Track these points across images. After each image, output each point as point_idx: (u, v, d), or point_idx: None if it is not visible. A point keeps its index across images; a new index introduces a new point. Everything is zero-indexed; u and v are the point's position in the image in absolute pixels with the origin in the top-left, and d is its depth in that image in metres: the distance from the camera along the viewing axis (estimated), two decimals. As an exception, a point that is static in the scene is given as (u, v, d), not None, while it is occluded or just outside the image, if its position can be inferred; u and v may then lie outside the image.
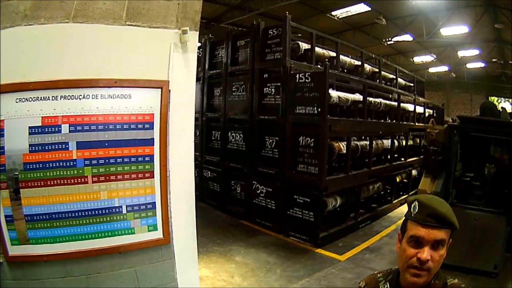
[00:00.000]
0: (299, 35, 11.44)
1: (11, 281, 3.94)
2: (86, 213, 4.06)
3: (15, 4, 3.80)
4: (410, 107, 14.80)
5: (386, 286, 2.27)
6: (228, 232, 10.06)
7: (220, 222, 10.95)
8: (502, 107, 13.02)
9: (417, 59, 30.67)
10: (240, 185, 11.40)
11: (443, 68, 33.01)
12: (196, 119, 11.35)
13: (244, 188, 11.19)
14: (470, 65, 31.04)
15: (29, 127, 3.84)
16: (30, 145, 3.85)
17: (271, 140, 10.34)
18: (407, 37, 24.21)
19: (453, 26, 20.85)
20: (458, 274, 6.40)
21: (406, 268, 2.05)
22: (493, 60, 27.39)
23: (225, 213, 11.69)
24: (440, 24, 20.62)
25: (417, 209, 2.07)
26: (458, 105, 35.45)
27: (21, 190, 3.86)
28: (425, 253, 1.97)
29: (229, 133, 11.72)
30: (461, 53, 26.94)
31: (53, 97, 3.88)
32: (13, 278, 3.93)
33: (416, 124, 15.03)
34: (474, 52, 26.15)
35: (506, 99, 33.68)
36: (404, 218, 2.18)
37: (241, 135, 11.27)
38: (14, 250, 3.89)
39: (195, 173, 4.88)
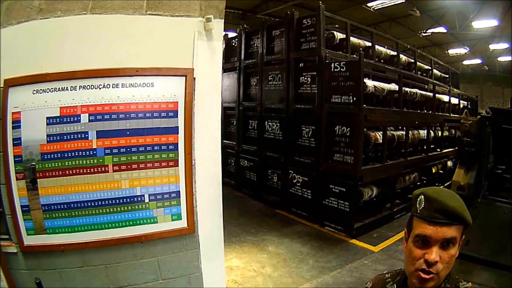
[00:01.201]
0: (336, 25, 11.40)
1: (26, 271, 3.98)
2: (106, 202, 4.06)
3: None
4: (445, 98, 14.71)
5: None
6: (262, 222, 10.08)
7: (255, 212, 10.99)
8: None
9: (452, 51, 30.58)
10: (276, 175, 11.44)
11: (476, 61, 32.95)
12: (232, 108, 11.37)
13: (281, 177, 11.23)
14: (501, 59, 30.92)
15: (47, 118, 3.86)
16: (47, 135, 3.87)
17: (307, 129, 10.32)
18: (441, 29, 24.19)
19: (484, 20, 20.88)
20: (485, 268, 6.35)
21: (413, 271, 1.85)
22: (522, 53, 27.10)
23: (261, 202, 11.74)
24: (471, 17, 20.58)
25: (423, 204, 1.86)
26: (491, 98, 35.12)
27: (38, 180, 3.89)
28: (433, 254, 1.77)
29: (266, 122, 11.76)
30: (492, 46, 26.76)
31: (72, 88, 3.91)
32: (28, 268, 3.98)
33: (451, 115, 14.87)
34: (504, 45, 25.99)
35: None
36: (410, 215, 1.97)
37: (278, 124, 11.30)
38: (30, 240, 3.93)
39: (232, 162, 4.85)
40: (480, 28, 22.18)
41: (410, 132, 11.29)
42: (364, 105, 9.06)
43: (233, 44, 13.18)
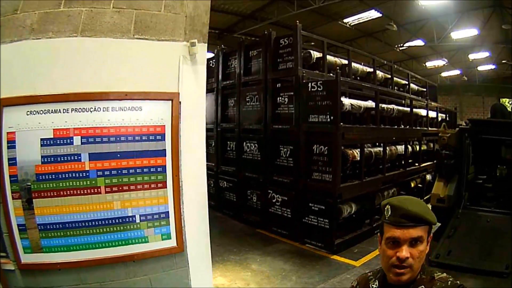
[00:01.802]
0: (312, 43, 11.55)
1: None
2: (100, 223, 4.14)
3: (22, 17, 3.92)
4: (423, 112, 14.87)
5: (375, 284, 2.36)
6: (244, 241, 10.13)
7: (236, 231, 11.02)
8: (512, 108, 13.06)
9: (430, 64, 30.84)
10: (256, 195, 11.45)
11: (455, 72, 33.12)
12: (210, 130, 11.42)
13: (260, 197, 11.24)
14: (481, 68, 31.18)
15: (41, 139, 3.94)
16: (42, 157, 3.95)
17: (285, 149, 10.39)
18: (418, 42, 24.37)
19: (463, 30, 21.07)
20: (470, 275, 6.47)
21: (389, 268, 2.15)
22: (503, 61, 27.43)
23: (241, 223, 11.75)
24: (450, 28, 20.81)
25: (390, 212, 2.16)
26: (471, 108, 35.35)
27: (34, 200, 3.95)
28: (403, 251, 2.07)
29: (244, 143, 11.78)
30: (472, 56, 27.10)
31: (64, 110, 3.99)
32: (25, 285, 4.01)
33: (429, 129, 15.07)
34: (484, 54, 26.32)
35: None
36: (380, 222, 2.28)
37: (256, 145, 11.34)
38: (27, 258, 3.98)
39: (211, 184, 4.98)
40: (459, 38, 22.36)
41: (387, 148, 11.40)
42: (342, 124, 9.15)
43: (211, 65, 13.12)
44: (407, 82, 16.01)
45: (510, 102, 32.44)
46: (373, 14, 20.30)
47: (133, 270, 4.28)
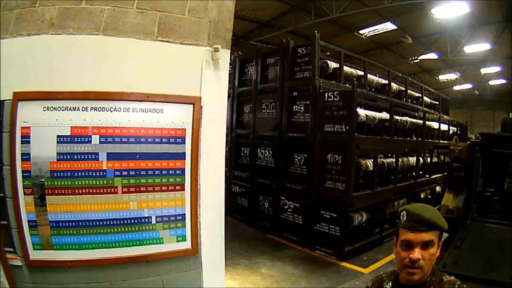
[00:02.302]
0: (328, 53, 11.62)
1: (30, 285, 4.00)
2: (115, 222, 4.13)
3: (41, 11, 3.92)
4: (435, 125, 14.91)
5: (389, 285, 2.55)
6: (254, 246, 10.18)
7: (247, 236, 11.05)
8: (522, 123, 13.02)
9: (442, 77, 30.79)
10: (268, 201, 11.50)
11: (467, 86, 33.10)
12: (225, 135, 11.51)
13: (272, 203, 11.29)
14: (492, 82, 31.15)
15: (58, 136, 3.93)
16: (58, 154, 3.94)
17: (299, 157, 10.45)
18: (432, 55, 24.34)
19: (476, 44, 21.05)
20: (475, 285, 6.58)
21: (402, 268, 2.33)
22: (514, 76, 27.33)
23: (252, 228, 11.79)
24: (463, 42, 20.73)
25: (405, 217, 2.36)
26: (481, 122, 35.32)
27: (47, 196, 3.94)
28: (416, 253, 2.25)
29: (258, 149, 11.85)
30: (483, 70, 27.02)
31: (83, 108, 3.98)
32: (33, 282, 3.99)
33: (441, 141, 15.09)
34: (496, 69, 26.33)
35: (527, 115, 33.48)
36: (397, 226, 2.47)
37: (270, 151, 11.40)
38: (36, 255, 3.97)
39: (224, 190, 5.03)
40: (472, 52, 22.33)
41: (400, 159, 11.45)
42: (356, 134, 9.23)
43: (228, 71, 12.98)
44: (420, 95, 16.04)
45: (520, 117, 32.39)
46: (388, 26, 20.34)
47: (145, 271, 4.30)
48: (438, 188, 14.49)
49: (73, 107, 3.97)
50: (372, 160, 10.10)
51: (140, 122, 4.17)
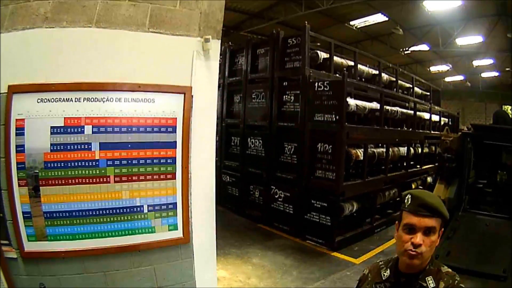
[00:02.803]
0: (318, 44, 11.58)
1: (25, 277, 3.99)
2: (107, 212, 4.10)
3: (35, 5, 3.91)
4: (426, 115, 14.94)
5: (387, 272, 2.54)
6: (245, 235, 10.20)
7: (238, 226, 11.08)
8: (514, 115, 13.05)
9: (434, 69, 30.83)
10: (258, 190, 11.51)
11: (459, 78, 33.10)
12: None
13: (263, 192, 11.31)
14: (484, 75, 31.13)
15: (51, 127, 3.92)
16: (51, 144, 3.93)
17: (289, 146, 10.48)
18: (423, 47, 24.28)
19: (468, 36, 21.01)
20: (468, 277, 6.58)
21: (403, 252, 2.33)
22: (507, 69, 27.24)
23: (243, 217, 11.82)
24: (455, 34, 20.70)
25: (410, 201, 2.36)
26: (473, 114, 35.37)
27: (40, 187, 3.92)
28: (418, 238, 2.26)
29: (249, 139, 11.87)
30: (476, 63, 27.03)
31: (76, 99, 3.95)
32: (27, 273, 3.99)
33: (432, 132, 15.12)
34: (489, 61, 26.32)
35: (519, 107, 33.56)
36: (400, 211, 2.45)
37: (260, 141, 11.42)
38: (30, 246, 3.93)
39: (215, 178, 5.05)
40: (464, 44, 22.34)
41: (390, 149, 11.48)
42: (347, 124, 9.26)
43: (218, 61, 12.93)
44: (411, 86, 16.12)
45: (512, 110, 32.46)
46: (379, 17, 20.33)
47: (138, 260, 4.31)
48: (429, 179, 14.52)
49: (66, 98, 3.95)
50: (363, 149, 10.13)
51: (131, 112, 4.17)
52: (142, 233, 4.29)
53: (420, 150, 14.08)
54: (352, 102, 9.86)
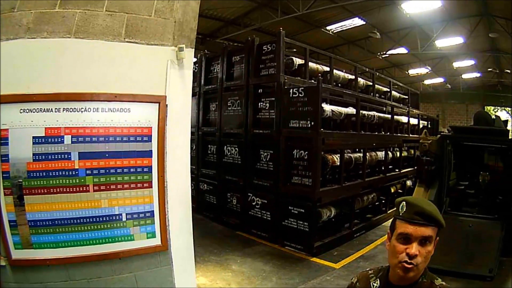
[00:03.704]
0: (294, 50, 11.66)
1: (14, 284, 4.10)
2: (88, 220, 4.25)
3: (18, 16, 4.00)
4: (404, 119, 15.01)
5: (376, 283, 2.42)
6: (224, 243, 10.20)
7: (216, 233, 11.09)
8: (496, 115, 13.09)
9: (412, 72, 30.81)
10: (236, 197, 11.51)
11: (439, 80, 33.17)
12: (192, 133, 11.45)
13: (240, 200, 11.31)
14: (465, 76, 31.13)
15: (33, 137, 4.04)
16: (34, 154, 4.05)
17: (266, 154, 10.49)
18: (402, 50, 24.35)
19: (448, 38, 20.97)
20: (453, 279, 6.59)
21: (397, 263, 2.18)
22: (489, 69, 27.31)
23: (221, 225, 11.82)
24: (434, 36, 20.66)
25: (405, 208, 2.23)
26: (454, 115, 35.48)
27: (25, 196, 4.04)
28: (414, 248, 2.13)
29: (225, 147, 11.85)
30: (456, 64, 27.11)
31: (56, 109, 4.10)
32: (15, 281, 4.09)
33: (410, 135, 15.20)
34: (470, 62, 26.31)
35: (503, 107, 33.76)
36: (393, 218, 2.34)
37: (237, 148, 11.40)
38: (17, 254, 4.07)
39: (191, 186, 5.07)
40: (444, 46, 22.29)
41: (367, 154, 11.52)
42: (322, 129, 9.25)
43: (194, 69, 12.69)
44: (388, 89, 16.21)
45: (495, 110, 32.67)
46: (356, 21, 20.34)
47: (119, 268, 4.39)
48: (409, 183, 14.64)
49: (46, 109, 4.11)
50: (339, 155, 10.13)
51: (108, 121, 4.35)
52: (122, 241, 4.43)
53: (398, 154, 14.15)
54: (327, 107, 9.89)
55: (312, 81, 10.81)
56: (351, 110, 10.87)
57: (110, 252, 4.33)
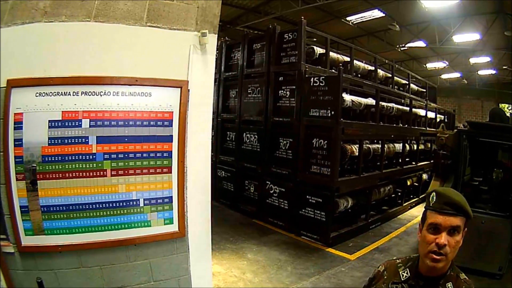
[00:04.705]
0: (314, 39, 11.59)
1: (22, 271, 4.03)
2: (104, 205, 4.19)
3: (34, 1, 3.92)
4: (421, 112, 14.94)
5: (406, 272, 2.46)
6: (240, 231, 10.21)
7: (233, 221, 11.09)
8: (511, 113, 13.04)
9: (430, 65, 30.60)
10: (253, 185, 11.53)
11: (455, 75, 32.89)
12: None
13: (258, 188, 11.33)
14: (481, 72, 30.87)
15: (49, 121, 3.97)
16: (49, 138, 3.98)
17: (285, 142, 10.48)
18: (420, 44, 24.06)
19: (465, 34, 20.76)
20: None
21: (426, 253, 2.25)
22: (504, 67, 27.16)
23: (238, 212, 11.84)
24: (452, 31, 20.48)
25: (435, 199, 2.29)
26: (469, 111, 35.29)
27: (38, 181, 3.97)
28: (443, 238, 2.19)
29: (244, 134, 11.88)
30: (472, 60, 26.77)
31: (74, 93, 4.02)
32: (24, 268, 4.03)
33: (428, 129, 15.14)
34: (486, 59, 25.99)
35: (517, 106, 33.53)
36: (424, 210, 2.39)
37: (256, 136, 11.42)
38: (28, 240, 3.99)
39: (210, 173, 5.04)
40: (461, 42, 22.08)
41: (385, 145, 11.49)
42: (342, 119, 9.22)
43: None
44: (407, 82, 16.13)
45: (509, 108, 32.42)
46: (376, 13, 20.14)
47: (133, 254, 4.35)
48: (425, 176, 14.60)
49: (64, 92, 4.01)
50: (358, 145, 10.11)
51: (128, 105, 4.25)
52: (138, 227, 4.36)
53: (415, 146, 14.10)
54: (347, 97, 9.87)
55: (333, 70, 10.77)
56: (370, 101, 10.87)
57: (126, 239, 4.29)
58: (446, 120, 17.88)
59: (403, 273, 2.47)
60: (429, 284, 2.33)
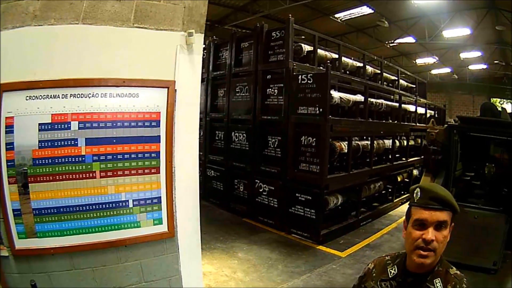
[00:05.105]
0: (302, 37, 11.59)
1: (17, 275, 4.00)
2: (94, 207, 4.16)
3: (24, 4, 3.92)
4: (411, 108, 14.97)
5: (394, 269, 2.44)
6: (230, 230, 10.19)
7: (223, 220, 11.09)
8: (502, 107, 13.03)
9: (420, 61, 30.59)
10: (243, 184, 11.52)
11: (446, 70, 32.98)
12: (200, 119, 11.45)
13: (247, 186, 11.32)
14: (472, 67, 30.89)
15: (39, 124, 3.95)
16: (39, 141, 3.96)
17: (273, 140, 10.47)
18: (409, 39, 24.17)
19: (455, 28, 20.81)
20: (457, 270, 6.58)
21: (413, 250, 2.23)
22: (495, 62, 27.22)
23: (228, 211, 11.82)
24: (442, 26, 20.55)
25: (419, 194, 2.27)
26: (460, 106, 35.32)
27: (29, 184, 3.96)
28: (430, 233, 2.16)
29: (233, 133, 11.83)
30: (463, 55, 26.82)
31: (63, 95, 4.00)
32: (19, 271, 4.00)
33: (417, 124, 15.14)
34: (476, 54, 26.04)
35: (508, 100, 33.62)
36: (408, 207, 2.37)
37: (244, 135, 11.39)
38: (21, 243, 3.97)
39: (198, 172, 5.04)
40: (451, 37, 22.15)
41: (375, 141, 11.50)
42: (330, 116, 9.22)
43: (202, 55, 12.81)
44: (396, 78, 16.23)
45: (501, 102, 32.54)
46: (365, 10, 20.20)
47: (124, 255, 4.34)
48: (415, 172, 14.67)
49: (53, 95, 4.01)
50: (347, 142, 10.10)
51: (116, 107, 4.23)
52: (128, 227, 4.35)
53: (405, 142, 14.13)
54: (336, 94, 9.90)
55: (321, 68, 10.78)
56: (359, 97, 10.86)
57: (116, 240, 4.27)
58: (436, 116, 17.90)
59: (391, 270, 2.46)
60: (417, 281, 2.31)
